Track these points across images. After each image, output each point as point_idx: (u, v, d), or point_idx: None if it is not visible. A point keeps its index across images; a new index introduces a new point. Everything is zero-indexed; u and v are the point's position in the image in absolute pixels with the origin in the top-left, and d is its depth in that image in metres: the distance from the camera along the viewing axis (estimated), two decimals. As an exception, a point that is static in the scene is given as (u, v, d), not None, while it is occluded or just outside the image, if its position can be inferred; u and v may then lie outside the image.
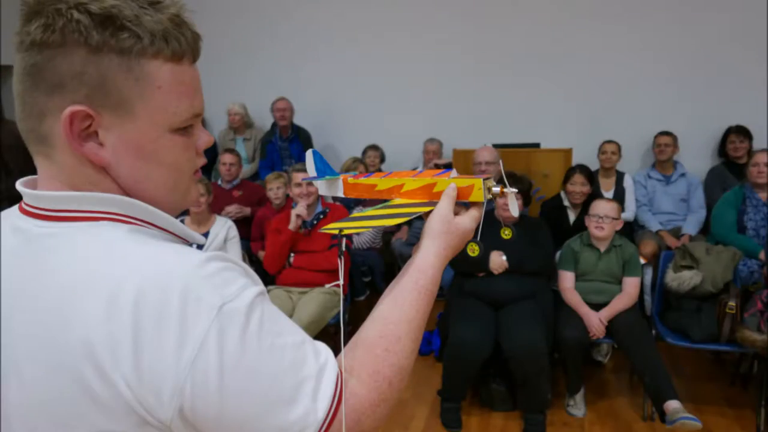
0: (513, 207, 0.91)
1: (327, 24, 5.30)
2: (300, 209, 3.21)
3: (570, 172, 3.71)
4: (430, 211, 0.81)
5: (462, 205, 0.84)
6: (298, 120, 5.05)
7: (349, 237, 3.54)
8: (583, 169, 3.69)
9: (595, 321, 2.87)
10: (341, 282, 0.77)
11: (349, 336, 0.73)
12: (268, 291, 2.66)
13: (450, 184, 0.82)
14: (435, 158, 4.75)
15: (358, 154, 4.83)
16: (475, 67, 5.03)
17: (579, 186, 3.64)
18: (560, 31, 4.83)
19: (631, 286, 3.00)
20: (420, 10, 5.11)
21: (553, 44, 4.85)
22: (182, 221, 2.34)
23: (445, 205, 0.80)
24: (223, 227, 3.23)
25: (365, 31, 5.24)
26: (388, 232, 4.35)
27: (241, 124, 5.16)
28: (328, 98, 5.37)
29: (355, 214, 0.90)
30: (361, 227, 0.85)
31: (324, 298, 3.10)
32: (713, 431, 2.72)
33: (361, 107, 5.33)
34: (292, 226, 3.18)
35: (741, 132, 4.30)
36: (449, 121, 5.05)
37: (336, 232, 0.80)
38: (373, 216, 0.83)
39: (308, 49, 5.35)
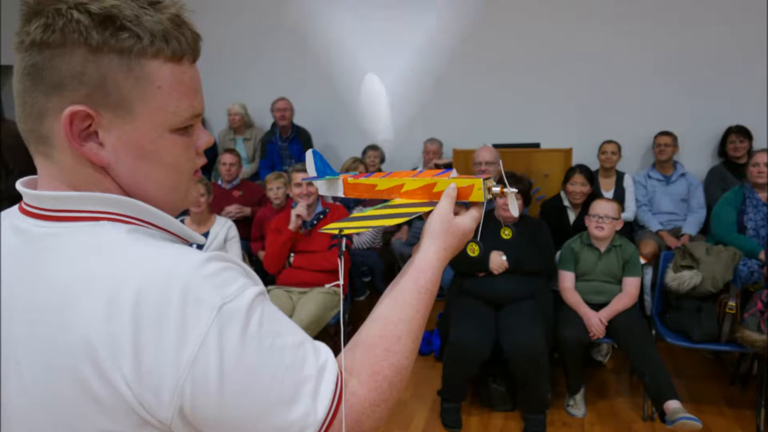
0: (513, 207, 0.91)
1: (327, 24, 5.29)
2: (300, 209, 3.20)
3: (570, 172, 3.71)
4: (430, 211, 0.81)
5: (462, 205, 0.84)
6: (298, 120, 5.05)
7: (349, 237, 3.53)
8: (583, 169, 3.69)
9: (595, 321, 2.87)
10: (341, 282, 0.77)
11: (349, 336, 0.73)
12: (268, 291, 2.66)
13: (450, 184, 0.82)
14: (435, 158, 4.75)
15: (358, 154, 4.83)
16: (474, 67, 5.03)
17: (579, 186, 3.64)
18: (560, 31, 4.82)
19: (631, 286, 3.00)
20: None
21: (553, 44, 4.84)
22: (182, 221, 2.34)
23: (445, 205, 0.80)
24: (223, 227, 3.23)
25: (365, 31, 5.23)
26: (388, 232, 4.35)
27: (241, 124, 5.16)
28: (328, 98, 5.37)
29: (355, 214, 0.90)
30: (361, 227, 0.85)
31: (324, 298, 3.10)
32: (713, 431, 2.72)
33: (361, 107, 5.33)
34: (292, 226, 3.18)
35: (741, 132, 4.29)
36: (449, 121, 5.04)
37: (336, 232, 0.80)
38: (373, 216, 0.83)
39: (308, 49, 5.35)
